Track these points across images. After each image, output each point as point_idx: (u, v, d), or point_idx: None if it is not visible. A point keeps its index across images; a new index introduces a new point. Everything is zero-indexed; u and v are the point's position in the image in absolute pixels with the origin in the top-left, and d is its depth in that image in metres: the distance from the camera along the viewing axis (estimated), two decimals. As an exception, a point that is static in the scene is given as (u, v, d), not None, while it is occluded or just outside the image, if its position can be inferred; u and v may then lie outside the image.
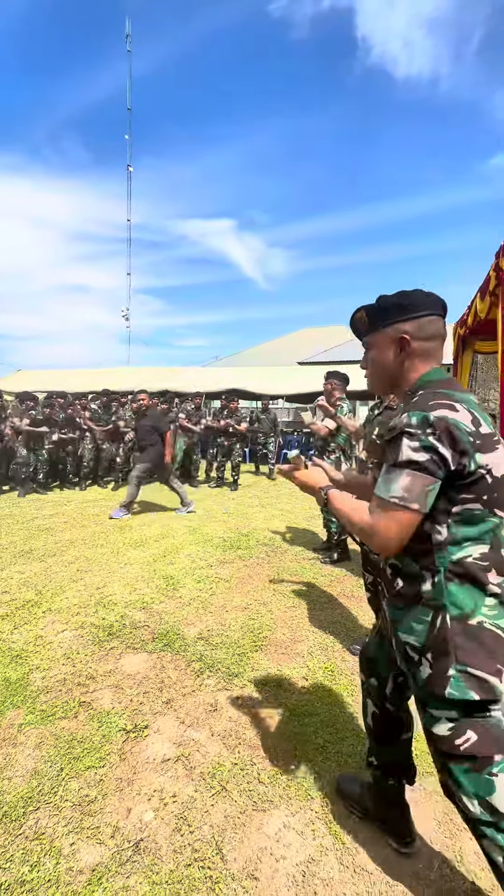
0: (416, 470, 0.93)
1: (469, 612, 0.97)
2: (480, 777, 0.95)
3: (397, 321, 1.10)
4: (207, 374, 13.91)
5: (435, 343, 1.10)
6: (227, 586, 3.37)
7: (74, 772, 1.65)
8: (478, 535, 0.97)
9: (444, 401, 0.97)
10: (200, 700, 2.07)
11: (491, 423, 1.00)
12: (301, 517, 5.52)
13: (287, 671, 2.29)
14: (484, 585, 0.97)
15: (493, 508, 0.97)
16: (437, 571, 0.99)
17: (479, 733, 0.96)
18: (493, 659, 0.95)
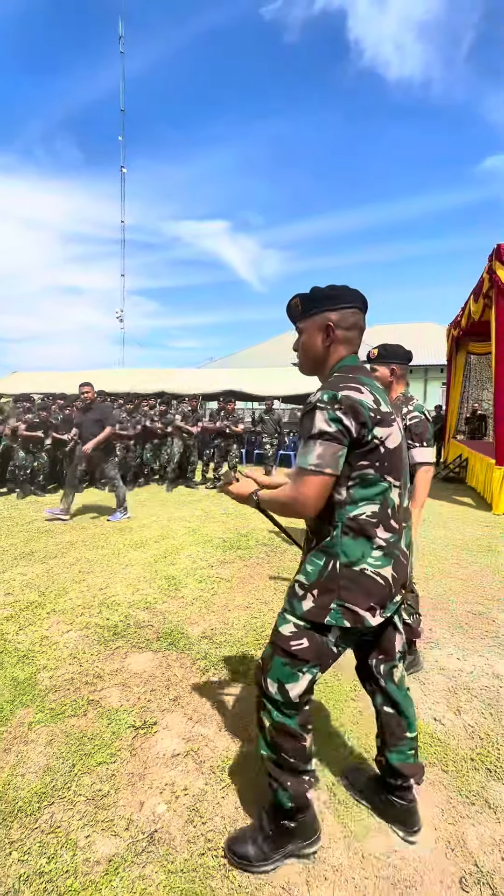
0: (327, 440, 1.11)
1: (356, 559, 1.18)
2: (291, 671, 1.21)
3: (325, 310, 1.25)
4: (203, 375, 13.94)
5: (354, 332, 1.28)
6: (229, 586, 3.42)
7: (86, 767, 1.69)
8: (371, 496, 1.18)
9: (352, 384, 1.16)
10: (208, 696, 2.11)
11: (388, 405, 1.20)
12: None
13: (291, 668, 2.33)
14: (372, 539, 1.19)
15: (384, 474, 1.18)
16: (336, 525, 1.19)
17: (311, 642, 1.20)
18: (368, 598, 1.18)
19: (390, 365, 2.19)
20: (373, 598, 1.18)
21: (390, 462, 1.18)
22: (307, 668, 1.21)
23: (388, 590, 1.20)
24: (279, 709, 1.23)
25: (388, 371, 2.19)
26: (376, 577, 1.18)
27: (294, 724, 1.24)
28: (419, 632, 2.28)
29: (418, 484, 2.09)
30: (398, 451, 1.22)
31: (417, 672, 2.28)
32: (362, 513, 1.18)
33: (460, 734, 1.88)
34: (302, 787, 1.26)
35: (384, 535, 1.20)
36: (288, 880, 1.29)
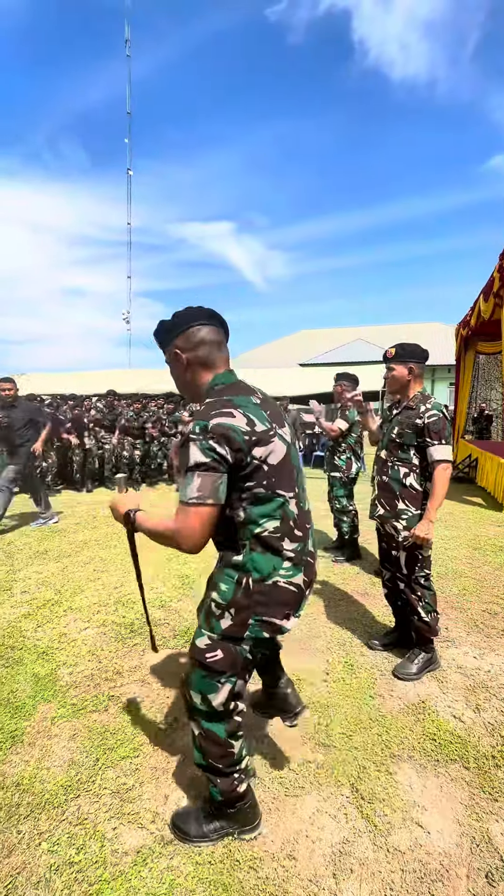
0: (204, 470, 1.10)
1: (268, 574, 1.21)
2: (210, 681, 1.26)
3: (171, 339, 1.27)
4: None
5: (205, 349, 1.26)
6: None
7: (110, 761, 1.71)
8: (269, 512, 1.20)
9: (224, 409, 1.15)
10: (226, 693, 2.12)
11: (266, 421, 1.20)
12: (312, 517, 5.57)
13: (308, 666, 2.34)
14: (280, 552, 1.22)
15: (275, 489, 1.20)
16: (244, 544, 1.21)
17: (224, 653, 1.24)
18: (284, 608, 1.24)
19: (408, 364, 2.20)
20: (288, 606, 1.25)
21: (278, 477, 1.20)
22: (225, 679, 1.26)
23: (301, 594, 1.28)
24: (206, 718, 1.29)
25: (406, 370, 2.20)
26: (289, 586, 1.24)
27: (222, 734, 1.30)
28: (437, 630, 2.29)
29: (436, 481, 2.10)
30: (285, 463, 1.23)
31: (435, 670, 2.29)
32: (265, 529, 1.20)
33: (480, 731, 1.88)
34: (231, 786, 1.34)
35: (291, 545, 1.24)
36: (315, 873, 1.31)
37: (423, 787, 1.60)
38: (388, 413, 2.38)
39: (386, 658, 2.40)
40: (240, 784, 1.35)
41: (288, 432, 1.30)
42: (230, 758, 1.32)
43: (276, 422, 1.24)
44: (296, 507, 1.26)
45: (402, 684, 2.18)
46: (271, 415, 1.24)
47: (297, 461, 1.33)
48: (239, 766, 1.35)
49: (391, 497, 2.24)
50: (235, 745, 1.32)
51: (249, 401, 1.22)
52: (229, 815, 1.39)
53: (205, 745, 1.32)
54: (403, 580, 2.28)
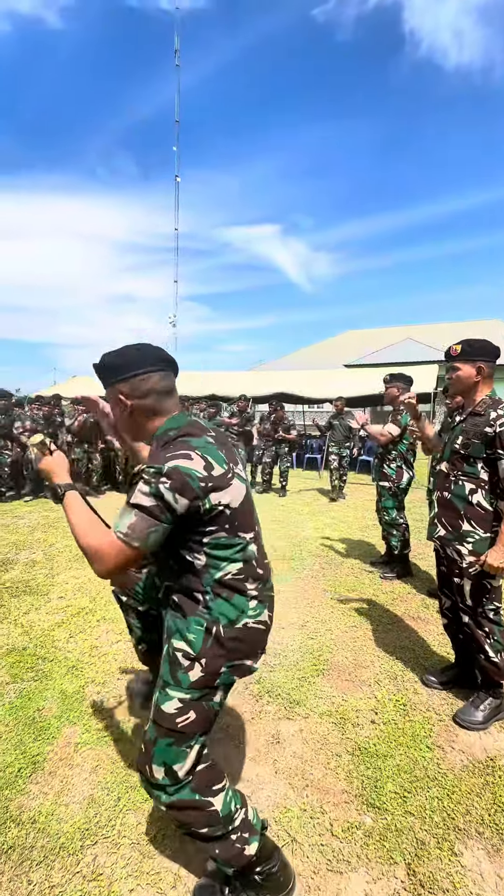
0: (142, 512, 1.02)
1: (235, 618, 1.14)
2: (179, 749, 1.12)
3: (115, 381, 1.16)
4: (252, 377, 13.85)
5: (153, 398, 1.16)
6: (282, 600, 3.21)
7: (132, 803, 1.55)
8: (230, 556, 1.13)
9: (181, 450, 1.06)
10: (261, 729, 1.92)
11: (224, 463, 1.11)
12: (355, 527, 5.26)
13: (353, 701, 2.09)
14: (245, 593, 1.16)
15: (237, 532, 1.14)
16: (206, 591, 1.13)
17: (198, 713, 1.12)
18: (255, 647, 1.19)
19: (476, 363, 1.90)
20: (258, 644, 1.21)
21: (240, 520, 1.14)
22: (195, 741, 1.13)
23: (268, 630, 1.23)
24: (173, 791, 1.12)
25: (474, 370, 1.90)
26: (258, 626, 1.19)
27: (189, 795, 1.13)
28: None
29: None
30: (245, 504, 1.16)
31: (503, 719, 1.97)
32: (228, 573, 1.13)
33: None
34: (234, 850, 1.15)
35: (254, 585, 1.18)
36: None
37: (498, 876, 1.32)
38: (450, 420, 2.08)
39: (444, 699, 2.10)
40: (246, 845, 1.16)
41: (242, 470, 1.21)
42: (214, 818, 1.14)
43: (231, 461, 1.16)
44: (256, 547, 1.20)
45: (465, 734, 1.88)
46: (227, 454, 1.16)
47: (251, 496, 1.25)
48: (233, 825, 1.15)
49: (454, 516, 1.95)
50: (215, 801, 1.14)
51: (206, 441, 1.13)
52: (259, 884, 1.20)
53: (180, 816, 1.14)
54: (467, 612, 1.98)
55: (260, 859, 1.18)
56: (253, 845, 1.16)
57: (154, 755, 1.12)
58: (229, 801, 1.17)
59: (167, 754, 1.11)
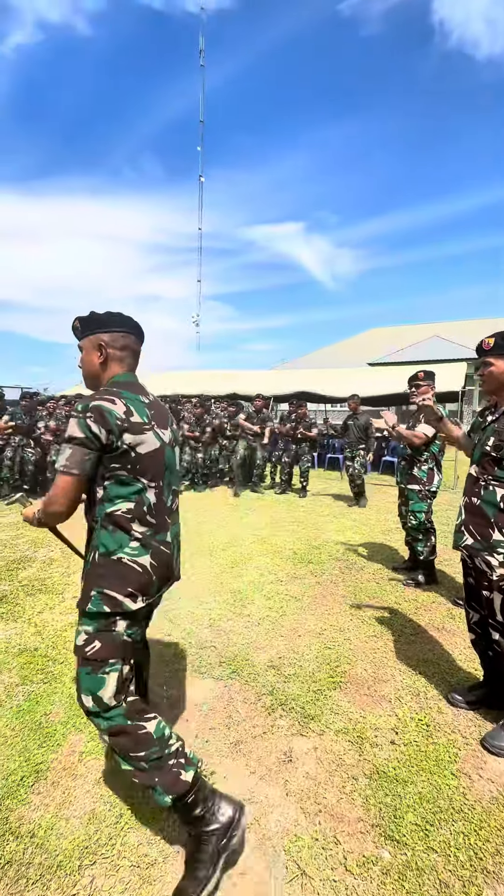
0: (76, 444, 1.25)
1: (113, 550, 1.30)
2: (96, 676, 1.27)
3: (98, 332, 1.41)
4: (274, 376, 13.72)
5: (126, 353, 1.45)
6: (299, 606, 3.10)
7: (134, 821, 1.48)
8: (126, 495, 1.31)
9: (109, 396, 1.30)
10: (273, 745, 1.82)
11: (146, 416, 1.35)
12: (377, 530, 5.09)
13: (372, 719, 1.97)
14: (129, 531, 1.31)
15: (137, 476, 1.32)
16: (97, 521, 1.33)
17: (103, 642, 1.29)
18: (124, 584, 1.29)
19: (510, 357, 1.75)
20: (130, 584, 1.29)
21: (143, 465, 1.32)
22: (109, 668, 1.28)
23: (147, 576, 1.33)
24: (104, 716, 1.28)
25: (508, 364, 1.75)
26: (133, 564, 1.30)
27: (122, 721, 1.28)
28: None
29: None
30: (154, 457, 1.36)
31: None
32: (118, 509, 1.30)
33: None
34: (170, 775, 1.26)
35: (140, 528, 1.33)
36: None
37: (532, 930, 1.18)
38: (480, 420, 1.93)
39: (472, 721, 1.95)
40: (182, 770, 1.27)
41: (168, 435, 1.46)
42: (148, 741, 1.27)
43: (156, 421, 1.40)
44: (155, 498, 1.36)
45: (494, 761, 1.73)
46: (155, 415, 1.41)
47: (173, 464, 1.47)
48: (168, 750, 1.28)
49: (484, 524, 1.80)
50: (148, 725, 1.29)
51: (137, 398, 1.37)
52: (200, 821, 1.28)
53: (117, 742, 1.27)
54: (497, 628, 1.82)
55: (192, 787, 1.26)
56: (189, 773, 1.27)
57: (80, 686, 1.30)
58: (162, 727, 1.31)
59: (88, 682, 1.28)
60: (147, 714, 1.31)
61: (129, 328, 1.44)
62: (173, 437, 1.51)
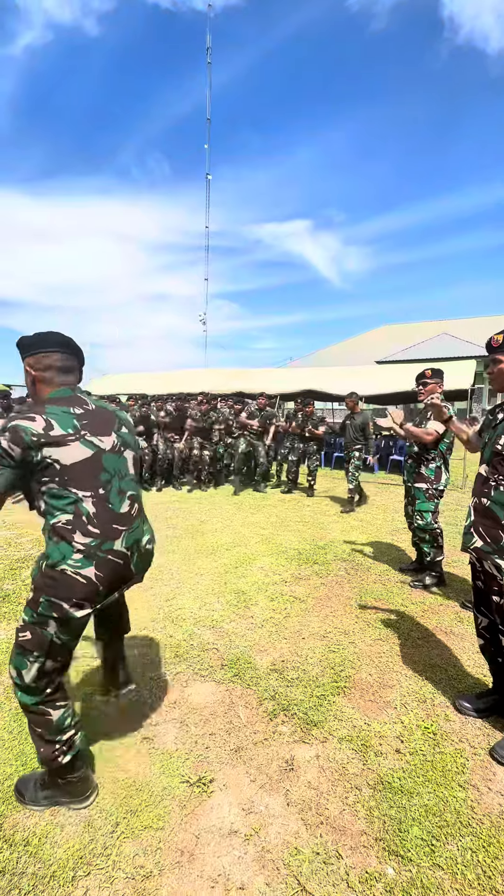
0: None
1: (57, 561, 1.34)
2: (22, 658, 1.41)
3: (25, 356, 1.49)
4: (281, 374, 13.64)
5: (51, 373, 1.48)
6: (303, 607, 3.05)
7: (130, 830, 1.44)
8: (62, 507, 1.36)
9: (29, 413, 1.36)
10: (274, 753, 1.77)
11: (71, 427, 1.38)
12: (384, 530, 5.01)
13: (377, 726, 1.91)
14: (70, 543, 1.35)
15: (68, 487, 1.35)
16: (45, 532, 1.39)
17: (33, 635, 1.39)
18: (70, 594, 1.34)
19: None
20: (76, 594, 1.35)
21: (71, 476, 1.36)
22: (33, 658, 1.39)
23: (93, 587, 1.38)
24: (21, 690, 1.42)
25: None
26: (76, 576, 1.35)
27: (34, 703, 1.42)
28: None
29: None
30: (85, 466, 1.38)
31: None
32: (59, 521, 1.35)
33: None
34: (52, 755, 1.42)
35: (83, 539, 1.37)
36: None
37: None
38: (492, 418, 1.86)
39: (480, 730, 1.89)
40: (61, 755, 1.42)
41: (112, 441, 1.48)
42: (49, 726, 1.42)
43: (89, 430, 1.43)
44: (95, 507, 1.39)
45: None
46: (88, 424, 1.43)
47: (122, 468, 1.50)
48: (60, 738, 1.42)
49: (494, 526, 1.73)
50: (52, 714, 1.42)
51: (65, 410, 1.41)
52: (59, 786, 1.48)
53: (26, 713, 1.44)
54: (508, 635, 1.76)
55: (68, 769, 1.45)
56: (66, 758, 1.43)
57: (11, 658, 1.43)
58: (65, 718, 1.44)
59: (15, 659, 1.41)
60: (58, 703, 1.44)
61: (51, 346, 1.48)
62: (123, 442, 1.52)
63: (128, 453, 1.55)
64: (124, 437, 1.55)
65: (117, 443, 1.50)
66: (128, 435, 1.58)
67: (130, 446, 1.57)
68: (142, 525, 1.58)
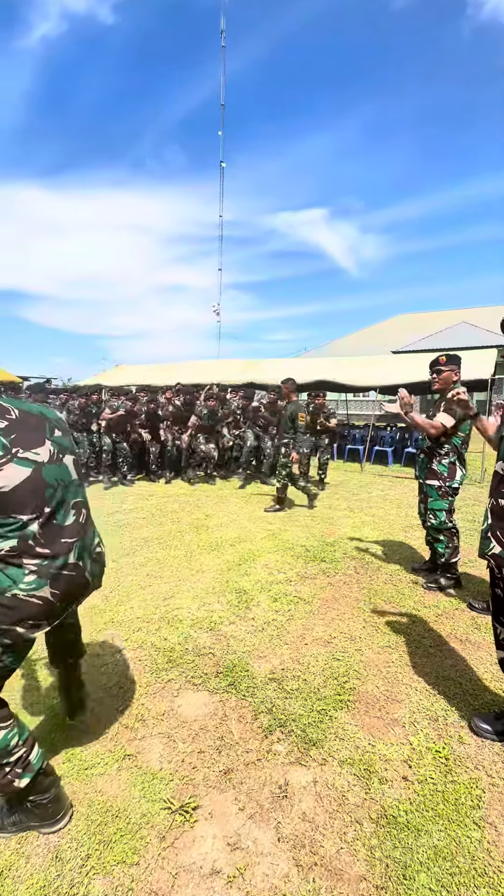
0: None
1: (7, 587, 1.25)
2: None
3: None
4: (293, 365, 13.36)
5: None
6: (308, 609, 2.87)
7: (102, 865, 1.29)
8: (4, 534, 1.25)
9: None
10: (267, 776, 1.61)
11: (3, 447, 1.24)
12: (397, 526, 4.79)
13: (382, 747, 1.73)
14: (21, 567, 1.27)
15: (10, 513, 1.25)
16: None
17: None
18: (23, 618, 1.26)
19: None
20: (32, 616, 1.27)
21: (12, 501, 1.24)
22: None
23: (49, 605, 1.30)
24: None
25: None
26: (31, 598, 1.26)
27: None
28: None
29: None
30: (25, 486, 1.26)
31: None
32: (2, 548, 1.24)
33: None
34: (4, 780, 1.30)
35: (33, 561, 1.27)
36: None
37: None
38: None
39: (499, 755, 1.69)
40: (16, 779, 1.30)
41: (45, 451, 1.34)
42: None
43: (20, 444, 1.28)
44: (41, 527, 1.28)
45: (526, 810, 1.47)
46: (17, 438, 1.28)
47: (65, 476, 1.38)
48: (8, 760, 1.29)
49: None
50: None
51: None
52: (28, 810, 1.37)
53: None
54: (532, 652, 1.55)
55: (32, 791, 1.34)
56: (24, 780, 1.31)
57: None
58: (9, 738, 1.30)
59: None
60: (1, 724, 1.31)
61: None
62: (59, 448, 1.39)
63: (67, 458, 1.42)
64: (59, 441, 1.41)
65: (54, 451, 1.37)
66: (62, 438, 1.43)
67: (68, 450, 1.44)
68: (92, 529, 1.50)
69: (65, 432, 1.48)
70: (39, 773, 1.35)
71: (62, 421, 1.51)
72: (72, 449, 1.48)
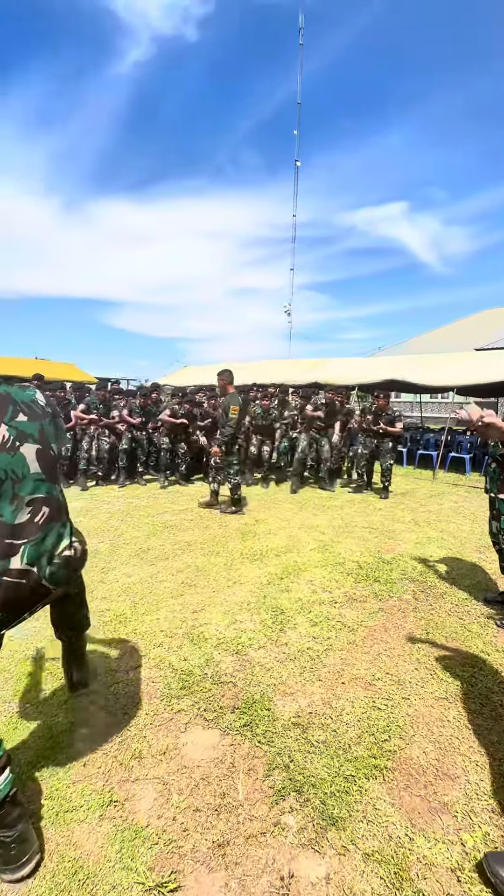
0: None
1: None
2: None
3: None
4: (364, 364, 12.67)
5: None
6: (351, 639, 2.50)
7: None
8: None
9: None
10: (269, 859, 1.30)
11: None
12: (470, 546, 4.17)
13: (423, 843, 1.35)
14: None
15: None
16: None
17: None
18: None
19: None
20: None
21: None
22: None
23: None
24: None
25: None
26: None
27: None
28: None
29: None
30: None
31: None
32: None
33: None
34: None
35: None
36: None
37: None
38: None
39: None
40: None
41: (31, 444, 1.25)
42: None
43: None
44: None
45: None
46: None
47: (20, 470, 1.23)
48: None
49: None
50: None
51: None
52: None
53: None
54: None
55: None
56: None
57: None
58: None
59: None
60: None
61: None
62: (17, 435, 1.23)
63: (27, 448, 1.25)
64: (20, 427, 1.24)
65: (9, 436, 1.21)
66: (27, 423, 1.27)
67: (32, 438, 1.25)
68: (58, 530, 1.33)
69: (35, 417, 1.30)
70: (5, 801, 1.20)
71: (39, 404, 1.34)
72: (39, 438, 1.30)
